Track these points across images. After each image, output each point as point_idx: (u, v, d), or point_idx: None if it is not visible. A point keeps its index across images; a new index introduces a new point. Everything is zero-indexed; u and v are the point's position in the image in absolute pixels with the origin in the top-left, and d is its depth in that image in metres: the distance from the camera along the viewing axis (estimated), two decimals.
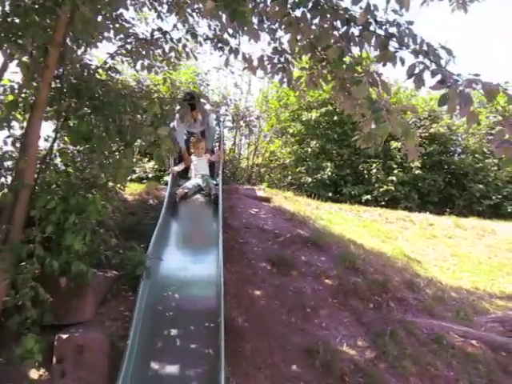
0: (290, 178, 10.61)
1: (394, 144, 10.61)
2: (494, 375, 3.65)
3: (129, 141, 3.41)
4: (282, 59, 3.98)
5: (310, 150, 10.68)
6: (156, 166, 8.96)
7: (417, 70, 2.55)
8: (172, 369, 3.31)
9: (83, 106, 3.54)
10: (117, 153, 3.60)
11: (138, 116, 3.84)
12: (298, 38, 3.59)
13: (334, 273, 4.58)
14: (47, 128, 3.93)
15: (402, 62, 2.65)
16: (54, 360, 3.32)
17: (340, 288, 4.38)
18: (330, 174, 10.44)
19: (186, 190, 5.68)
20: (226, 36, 4.24)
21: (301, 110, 10.80)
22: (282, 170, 10.75)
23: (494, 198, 10.83)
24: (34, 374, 3.35)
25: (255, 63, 4.00)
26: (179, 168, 6.25)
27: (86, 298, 3.71)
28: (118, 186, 3.86)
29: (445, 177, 11.13)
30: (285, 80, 4.11)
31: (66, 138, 3.83)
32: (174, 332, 3.62)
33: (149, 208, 5.95)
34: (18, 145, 3.53)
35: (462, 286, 6.13)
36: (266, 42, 3.96)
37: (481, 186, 10.79)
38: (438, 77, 2.47)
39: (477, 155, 11.14)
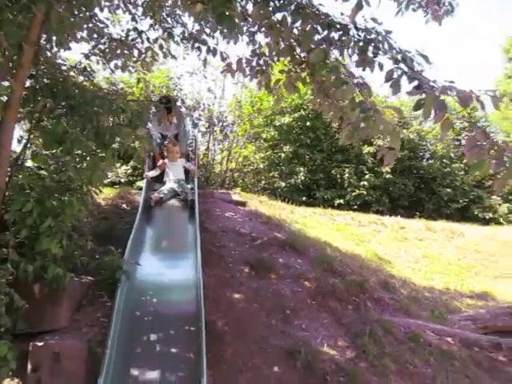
0: (263, 182, 10.65)
1: (366, 149, 10.80)
2: (469, 371, 3.75)
3: (107, 142, 3.34)
4: (261, 62, 4.01)
5: (283, 154, 10.75)
6: (129, 171, 8.86)
7: (395, 75, 2.60)
8: (152, 374, 3.24)
9: (59, 106, 3.46)
10: (93, 155, 3.51)
11: (115, 117, 3.80)
12: (278, 41, 3.63)
13: (313, 275, 4.61)
14: (18, 130, 3.83)
15: (381, 67, 2.70)
16: (29, 368, 3.20)
17: (318, 290, 4.41)
18: (303, 178, 10.54)
19: (162, 195, 5.61)
20: (203, 36, 4.21)
21: (274, 115, 10.87)
22: (255, 174, 10.76)
23: (461, 201, 11.18)
24: (8, 383, 3.23)
25: (234, 66, 4.01)
26: (154, 173, 6.17)
27: (62, 304, 3.60)
28: (94, 189, 3.77)
29: (414, 181, 11.44)
30: (263, 83, 4.12)
31: (39, 140, 3.74)
32: (153, 337, 3.56)
33: (122, 213, 5.85)
34: None
35: (434, 286, 6.28)
36: (244, 43, 3.97)
37: (449, 189, 11.13)
38: (415, 82, 2.54)
39: (444, 160, 11.47)
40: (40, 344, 3.26)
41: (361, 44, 2.71)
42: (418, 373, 3.60)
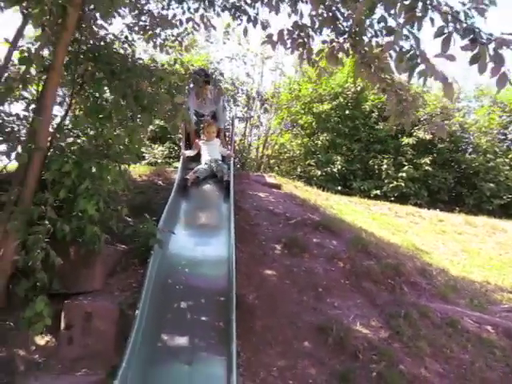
0: (299, 170, 10.55)
1: (405, 140, 10.50)
2: (510, 361, 3.56)
3: (146, 105, 3.34)
4: (303, 34, 3.91)
5: (320, 143, 10.59)
6: (166, 152, 8.94)
7: (446, 31, 2.45)
8: (182, 339, 3.25)
9: (100, 70, 3.48)
10: (132, 121, 3.52)
11: (154, 86, 3.79)
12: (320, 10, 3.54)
13: (347, 255, 4.50)
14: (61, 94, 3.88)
15: (432, 21, 2.56)
16: (62, 326, 3.26)
17: (352, 270, 4.30)
18: (339, 167, 10.35)
19: (198, 175, 5.57)
20: (244, 6, 4.16)
21: (312, 103, 10.71)
22: (291, 162, 10.68)
23: (504, 197, 10.69)
24: (40, 340, 3.30)
25: (275, 38, 3.93)
26: (190, 153, 6.15)
27: (96, 267, 3.65)
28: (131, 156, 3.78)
29: (455, 175, 11.02)
30: (304, 56, 4.03)
31: (80, 106, 3.79)
32: (183, 305, 3.56)
33: (159, 189, 5.89)
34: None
35: (473, 279, 6.03)
36: (286, 15, 3.89)
37: (492, 184, 10.65)
38: (469, 37, 2.38)
39: (488, 154, 11.00)
40: (73, 303, 3.31)
41: (407, 2, 2.57)
42: (454, 357, 3.45)
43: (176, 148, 9.03)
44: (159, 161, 8.59)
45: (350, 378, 3.07)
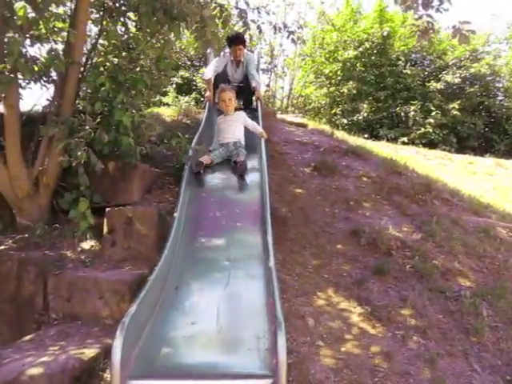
0: (324, 120, 10.45)
1: (432, 85, 10.26)
2: None
3: (175, 15, 3.38)
4: None
5: (345, 91, 10.45)
6: (192, 103, 9.00)
7: None
8: (219, 241, 3.36)
9: None
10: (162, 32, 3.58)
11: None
12: None
13: (377, 174, 4.52)
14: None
15: None
16: (105, 231, 3.42)
17: (383, 186, 4.33)
18: (365, 116, 10.22)
19: (213, 159, 4.25)
20: None
21: (337, 51, 10.53)
22: (316, 112, 10.59)
23: None
24: (85, 244, 3.47)
25: None
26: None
27: (133, 180, 3.79)
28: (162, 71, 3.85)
29: (485, 120, 10.74)
30: None
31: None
32: (219, 214, 3.65)
33: (187, 127, 5.98)
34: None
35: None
36: None
37: None
38: None
39: None
40: (114, 210, 3.45)
41: None
42: (487, 256, 3.48)
43: (202, 99, 9.08)
44: None
45: (384, 271, 3.15)
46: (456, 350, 2.56)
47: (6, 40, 3.01)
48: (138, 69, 3.72)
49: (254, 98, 6.02)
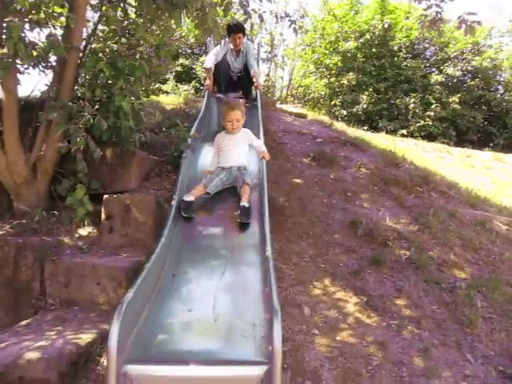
0: (324, 111, 10.43)
1: (434, 77, 10.22)
2: None
3: (176, 2, 3.35)
4: None
5: (345, 82, 10.41)
6: (191, 91, 8.97)
7: None
8: (215, 230, 3.35)
9: None
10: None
11: None
12: None
13: (375, 165, 4.53)
14: None
15: None
16: (103, 217, 3.42)
17: (381, 178, 4.34)
18: (365, 107, 10.19)
19: (209, 190, 3.54)
20: None
21: (338, 41, 10.47)
22: (316, 103, 10.56)
23: None
24: (83, 231, 3.48)
25: None
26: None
27: (132, 168, 3.79)
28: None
29: (485, 114, 10.73)
30: None
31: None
32: (217, 200, 3.65)
33: (186, 115, 5.96)
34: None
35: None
36: None
37: None
38: None
39: None
40: (112, 197, 3.45)
41: None
42: (483, 248, 3.51)
43: (201, 88, 9.05)
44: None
45: (380, 262, 3.17)
46: (449, 340, 2.58)
47: (4, 25, 3.00)
48: (137, 56, 3.69)
49: (253, 87, 6.02)
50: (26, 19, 3.04)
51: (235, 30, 5.71)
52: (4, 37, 3.14)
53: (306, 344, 2.41)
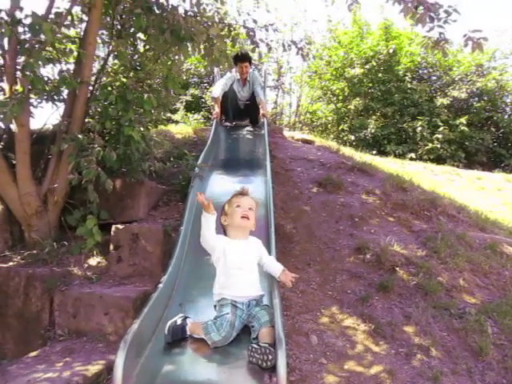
0: (331, 136, 10.51)
1: (440, 101, 10.28)
2: None
3: (182, 36, 3.46)
4: None
5: (352, 107, 10.50)
6: (201, 120, 9.12)
7: None
8: None
9: (137, 7, 3.62)
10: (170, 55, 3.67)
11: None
12: None
13: (382, 190, 4.53)
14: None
15: None
16: (111, 248, 3.46)
17: (388, 202, 4.34)
18: (373, 131, 10.24)
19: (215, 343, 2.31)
20: None
21: (344, 68, 10.62)
22: (323, 128, 10.65)
23: None
24: (92, 261, 3.52)
25: None
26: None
27: (140, 197, 3.85)
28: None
29: (494, 135, 10.70)
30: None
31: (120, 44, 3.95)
32: None
33: (194, 144, 6.06)
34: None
35: None
36: None
37: None
38: None
39: None
40: (121, 227, 3.51)
41: None
42: (493, 272, 3.46)
43: (210, 117, 9.21)
44: None
45: (388, 288, 3.14)
46: (460, 368, 2.54)
47: (19, 61, 3.13)
48: (146, 88, 3.79)
49: (260, 115, 6.12)
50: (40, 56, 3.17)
51: (242, 58, 5.86)
52: (19, 73, 3.28)
53: (314, 373, 2.38)
